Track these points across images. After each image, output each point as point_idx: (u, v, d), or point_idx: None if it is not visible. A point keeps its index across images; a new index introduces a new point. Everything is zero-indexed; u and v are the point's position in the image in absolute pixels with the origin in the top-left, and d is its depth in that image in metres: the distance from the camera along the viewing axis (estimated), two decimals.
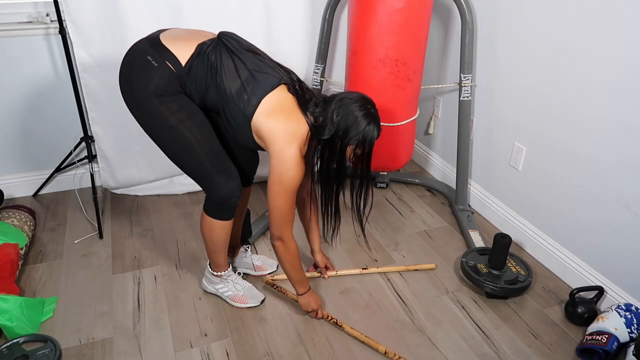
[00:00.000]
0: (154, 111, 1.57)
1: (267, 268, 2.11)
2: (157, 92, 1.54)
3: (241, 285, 1.94)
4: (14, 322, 1.72)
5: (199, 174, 1.69)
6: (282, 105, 1.56)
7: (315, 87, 2.59)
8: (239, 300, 1.92)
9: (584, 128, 1.92)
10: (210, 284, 1.96)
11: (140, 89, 1.56)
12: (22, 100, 2.41)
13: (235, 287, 1.93)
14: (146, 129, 1.65)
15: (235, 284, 1.93)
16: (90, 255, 2.20)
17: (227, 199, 1.70)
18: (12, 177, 2.56)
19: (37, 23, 2.28)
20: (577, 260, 2.05)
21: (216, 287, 1.94)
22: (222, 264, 1.90)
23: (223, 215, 1.74)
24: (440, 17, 2.66)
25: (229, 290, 1.93)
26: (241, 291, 1.93)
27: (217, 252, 1.85)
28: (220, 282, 1.93)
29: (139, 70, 1.55)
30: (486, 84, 2.39)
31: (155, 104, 1.56)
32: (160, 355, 1.72)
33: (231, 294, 1.92)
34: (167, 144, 1.66)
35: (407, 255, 2.25)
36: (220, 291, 1.94)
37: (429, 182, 2.83)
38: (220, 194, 1.69)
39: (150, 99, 1.55)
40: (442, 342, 1.80)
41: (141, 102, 1.58)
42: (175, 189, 2.68)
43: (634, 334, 1.71)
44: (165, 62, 1.54)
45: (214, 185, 1.68)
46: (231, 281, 1.93)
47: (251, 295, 1.94)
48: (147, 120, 1.62)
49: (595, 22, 1.80)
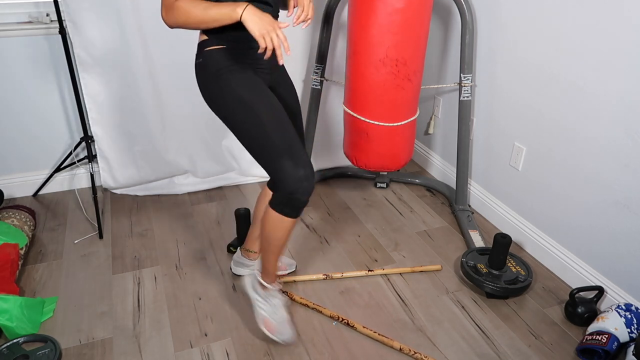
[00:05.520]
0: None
1: (286, 268, 2.09)
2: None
3: (279, 316, 1.75)
4: (14, 322, 1.72)
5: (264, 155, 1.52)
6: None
7: (316, 88, 2.59)
8: (268, 326, 1.74)
9: (584, 128, 1.92)
10: (253, 290, 1.78)
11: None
12: (22, 100, 2.41)
13: (274, 312, 1.75)
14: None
15: (276, 310, 1.75)
16: (90, 255, 2.20)
17: (292, 192, 1.49)
18: (12, 177, 2.57)
19: (37, 23, 2.28)
20: (577, 260, 2.05)
21: (257, 297, 1.77)
22: (270, 273, 1.73)
23: (284, 209, 1.54)
24: (440, 17, 2.66)
25: (265, 311, 1.75)
26: (276, 320, 1.74)
27: (269, 254, 1.67)
28: (262, 297, 1.75)
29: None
30: (486, 84, 2.40)
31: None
32: (160, 355, 1.72)
33: (266, 316, 1.74)
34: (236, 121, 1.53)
35: (407, 255, 2.25)
36: (258, 304, 1.76)
37: (429, 182, 2.83)
38: (285, 183, 1.49)
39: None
40: (442, 342, 1.80)
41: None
42: (175, 189, 2.68)
43: (634, 334, 1.71)
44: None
45: (279, 170, 1.49)
46: (273, 305, 1.75)
47: (281, 330, 1.73)
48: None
49: (595, 22, 1.80)
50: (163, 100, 2.51)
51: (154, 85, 2.46)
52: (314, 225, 2.45)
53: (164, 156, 2.63)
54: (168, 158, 2.64)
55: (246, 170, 2.79)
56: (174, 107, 2.55)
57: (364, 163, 2.37)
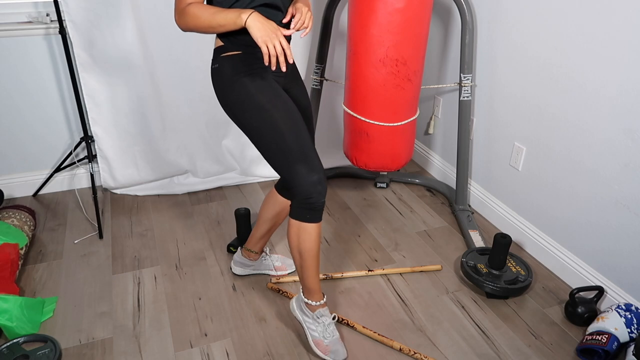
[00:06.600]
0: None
1: (287, 268, 2.10)
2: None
3: (330, 334, 1.71)
4: (14, 322, 1.72)
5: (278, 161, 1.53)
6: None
7: (316, 88, 2.59)
8: (320, 348, 1.70)
9: (584, 128, 1.92)
10: (300, 311, 1.76)
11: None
12: (22, 100, 2.41)
13: (325, 332, 1.70)
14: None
15: (326, 329, 1.71)
16: (90, 255, 2.20)
17: (308, 196, 1.51)
18: (12, 177, 2.57)
19: (37, 23, 2.28)
20: (577, 260, 2.05)
21: (305, 319, 1.74)
22: (315, 289, 1.68)
23: (305, 215, 1.55)
24: (440, 17, 2.66)
25: (316, 331, 1.71)
26: (328, 340, 1.70)
27: (306, 269, 1.63)
28: (311, 318, 1.72)
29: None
30: (486, 84, 2.40)
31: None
32: (160, 355, 1.72)
33: (317, 336, 1.71)
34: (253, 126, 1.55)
35: (407, 255, 2.25)
36: (308, 326, 1.73)
37: (429, 182, 2.83)
38: (300, 188, 1.51)
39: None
40: (442, 342, 1.80)
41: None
42: (175, 189, 2.68)
43: (634, 334, 1.71)
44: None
45: (294, 175, 1.51)
46: (323, 324, 1.70)
47: (334, 349, 1.70)
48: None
49: (595, 22, 1.80)
50: (163, 100, 2.51)
51: (154, 85, 2.46)
52: None
53: (164, 156, 2.63)
54: (168, 158, 2.64)
55: (246, 170, 2.79)
56: (174, 107, 2.55)
57: (364, 163, 2.37)
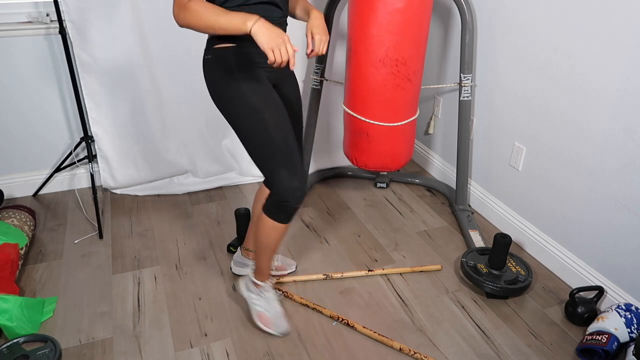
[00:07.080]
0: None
1: (287, 268, 2.10)
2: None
3: (274, 308, 1.81)
4: (14, 322, 1.72)
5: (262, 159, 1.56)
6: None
7: (316, 88, 2.59)
8: (263, 321, 1.80)
9: (584, 128, 1.92)
10: (247, 288, 1.85)
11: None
12: (22, 100, 2.41)
13: (267, 305, 1.81)
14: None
15: (269, 303, 1.81)
16: (90, 255, 2.20)
17: (285, 200, 1.56)
18: (12, 177, 2.57)
19: (37, 23, 2.28)
20: (577, 260, 2.05)
21: (250, 294, 1.84)
22: (264, 272, 1.78)
23: (277, 215, 1.61)
24: (440, 17, 2.66)
25: (260, 306, 1.81)
26: (271, 313, 1.80)
27: (262, 255, 1.73)
28: (256, 294, 1.82)
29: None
30: (486, 84, 2.40)
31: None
32: (160, 355, 1.72)
33: (260, 310, 1.81)
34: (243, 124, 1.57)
35: (407, 255, 2.25)
36: (252, 301, 1.83)
37: (429, 182, 2.83)
38: (279, 191, 1.55)
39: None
40: (442, 342, 1.80)
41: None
42: (175, 189, 2.68)
43: (634, 334, 1.71)
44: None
45: (275, 178, 1.55)
46: (266, 298, 1.81)
47: (277, 322, 1.79)
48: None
49: (595, 22, 1.80)
50: (163, 100, 2.51)
51: (154, 85, 2.46)
52: (314, 225, 2.45)
53: (164, 156, 2.63)
54: (168, 158, 2.64)
55: (246, 170, 2.79)
56: (174, 107, 2.55)
57: (364, 163, 2.37)
